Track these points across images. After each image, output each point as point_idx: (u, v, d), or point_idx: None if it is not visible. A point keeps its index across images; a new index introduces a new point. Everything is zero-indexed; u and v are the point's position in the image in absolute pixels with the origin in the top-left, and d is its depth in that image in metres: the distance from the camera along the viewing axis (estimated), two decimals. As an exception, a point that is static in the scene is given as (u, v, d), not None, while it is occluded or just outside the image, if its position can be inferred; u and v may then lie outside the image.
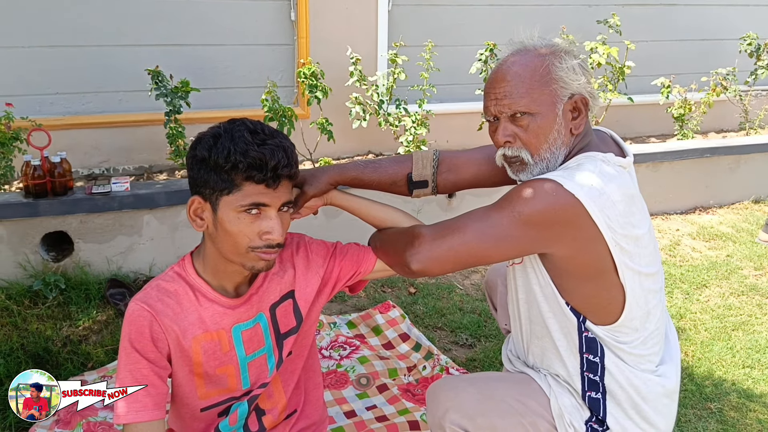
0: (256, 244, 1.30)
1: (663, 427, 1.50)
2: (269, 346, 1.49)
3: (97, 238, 2.82)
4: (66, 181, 2.77)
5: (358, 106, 3.50)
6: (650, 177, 3.89)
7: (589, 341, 1.45)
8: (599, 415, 1.46)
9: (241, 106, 3.50)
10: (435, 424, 1.50)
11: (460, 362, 2.40)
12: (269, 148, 1.26)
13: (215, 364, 1.43)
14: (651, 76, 4.26)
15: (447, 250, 1.40)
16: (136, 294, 1.38)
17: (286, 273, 1.51)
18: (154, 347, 1.34)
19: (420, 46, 3.61)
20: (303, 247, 1.56)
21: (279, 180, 1.28)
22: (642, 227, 1.40)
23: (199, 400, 1.45)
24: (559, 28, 3.96)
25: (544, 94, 1.38)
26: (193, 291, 1.39)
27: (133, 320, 1.33)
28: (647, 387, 1.45)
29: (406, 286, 2.96)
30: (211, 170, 1.28)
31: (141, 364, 1.33)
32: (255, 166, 1.25)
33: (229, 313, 1.42)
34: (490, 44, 3.66)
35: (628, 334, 1.44)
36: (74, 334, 2.48)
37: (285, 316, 1.51)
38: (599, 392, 1.46)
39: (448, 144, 4.00)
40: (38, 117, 2.97)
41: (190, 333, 1.38)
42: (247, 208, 1.28)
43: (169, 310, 1.36)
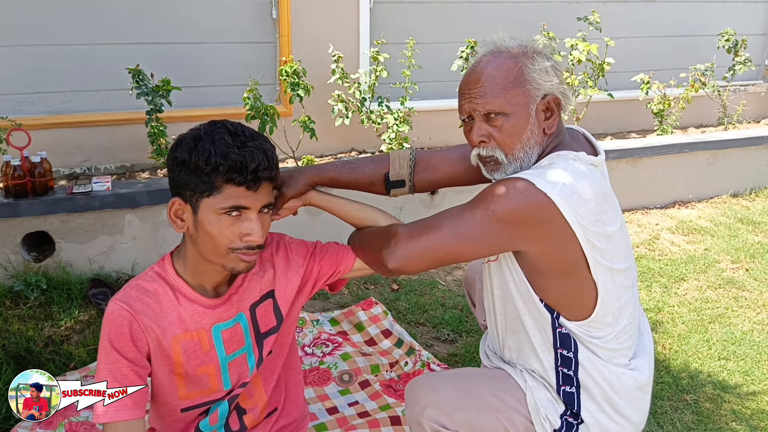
0: (236, 245, 1.31)
1: (636, 420, 1.54)
2: (249, 346, 1.50)
3: (78, 237, 2.81)
4: (46, 181, 2.76)
5: (340, 103, 3.51)
6: (630, 172, 3.94)
7: (562, 336, 1.48)
8: (574, 409, 1.50)
9: (222, 104, 3.50)
10: (413, 420, 1.53)
11: (441, 357, 2.42)
12: (249, 150, 1.26)
13: (195, 364, 1.43)
14: (631, 72, 4.31)
15: (422, 249, 1.42)
16: (116, 294, 1.39)
17: (266, 273, 1.52)
18: (134, 347, 1.35)
19: (402, 43, 3.63)
20: (283, 247, 1.57)
21: (259, 182, 1.29)
22: (614, 224, 1.43)
23: (180, 400, 1.46)
24: (539, 24, 3.99)
25: (517, 94, 1.41)
26: (173, 291, 1.40)
27: (113, 320, 1.34)
28: (620, 381, 1.49)
29: (389, 283, 2.98)
30: (191, 172, 1.28)
31: (120, 364, 1.33)
32: (235, 168, 1.25)
33: (208, 312, 1.43)
34: (471, 41, 3.68)
35: (601, 329, 1.47)
36: (56, 334, 2.48)
37: (265, 315, 1.52)
38: (573, 386, 1.49)
39: (430, 141, 4.02)
40: (18, 116, 2.95)
41: (170, 332, 1.39)
42: (228, 210, 1.29)
43: (149, 310, 1.37)
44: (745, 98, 4.84)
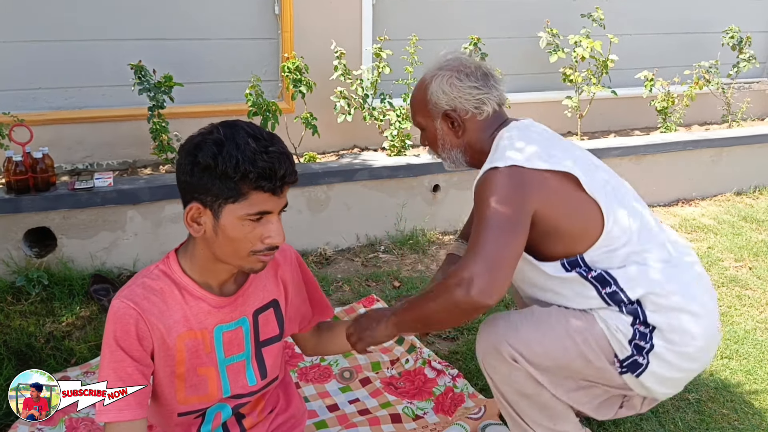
0: (257, 248, 1.31)
1: (702, 310, 1.63)
2: (248, 353, 1.50)
3: (80, 233, 2.81)
4: (48, 177, 2.76)
5: (342, 100, 3.50)
6: (633, 169, 3.92)
7: (597, 278, 1.61)
8: (640, 318, 1.59)
9: (225, 100, 3.50)
10: (489, 347, 1.66)
11: (442, 355, 2.42)
12: (275, 156, 1.24)
13: (197, 363, 1.43)
14: (634, 70, 4.29)
15: (497, 262, 1.47)
16: (120, 291, 1.37)
17: (270, 281, 1.52)
18: (140, 345, 1.34)
19: (404, 39, 3.62)
20: (290, 261, 1.58)
21: (283, 186, 1.29)
22: (570, 158, 1.64)
23: (178, 404, 1.45)
24: (543, 21, 3.98)
25: (425, 114, 1.79)
26: (179, 289, 1.39)
27: (119, 318, 1.32)
28: (665, 275, 1.60)
29: (391, 280, 2.97)
30: (216, 178, 1.25)
31: (126, 363, 1.32)
32: (264, 176, 1.24)
33: (213, 312, 1.42)
34: (474, 38, 3.67)
35: (620, 237, 1.61)
36: (57, 330, 2.48)
37: (267, 324, 1.52)
38: (633, 304, 1.60)
39: (433, 138, 4.01)
40: (20, 112, 2.95)
41: (174, 331, 1.38)
42: (252, 216, 1.28)
43: (155, 308, 1.35)
44: (749, 95, 4.82)
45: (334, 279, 2.97)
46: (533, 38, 4.02)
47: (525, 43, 4.13)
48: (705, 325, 1.63)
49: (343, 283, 2.94)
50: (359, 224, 3.35)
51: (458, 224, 3.54)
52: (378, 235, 3.39)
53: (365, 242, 3.37)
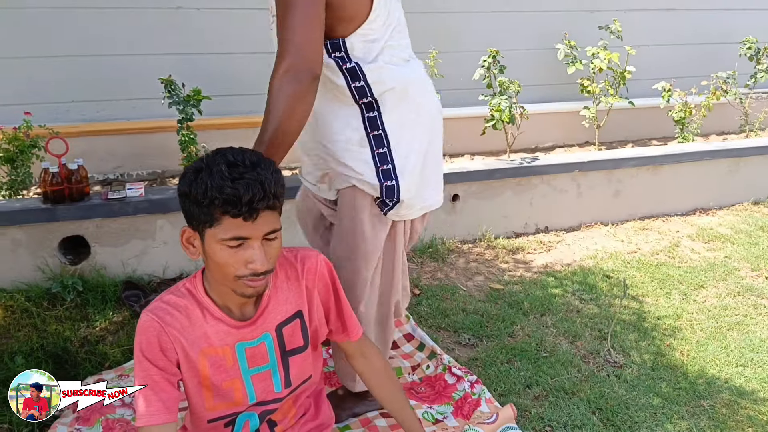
0: (241, 273, 1.34)
1: (431, 111, 1.88)
2: (273, 364, 1.54)
3: (112, 241, 2.92)
4: (83, 187, 2.88)
5: (363, 111, 3.59)
6: (651, 179, 3.96)
7: (350, 71, 1.72)
8: (378, 130, 1.77)
9: (250, 112, 3.60)
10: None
11: (462, 362, 2.48)
12: (244, 182, 1.27)
13: (222, 378, 1.50)
14: (652, 80, 4.33)
15: (308, 45, 1.57)
16: (150, 303, 1.46)
17: (293, 293, 1.55)
18: (164, 356, 1.42)
19: (425, 52, 3.70)
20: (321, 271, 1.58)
21: (256, 213, 1.30)
22: None
23: (207, 411, 1.53)
24: (561, 33, 4.04)
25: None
26: (201, 308, 1.46)
27: (144, 330, 1.42)
28: (404, 75, 1.78)
29: (411, 288, 3.05)
30: (192, 204, 1.31)
31: (152, 371, 1.42)
32: (230, 201, 1.27)
33: (233, 332, 1.48)
34: (493, 51, 3.74)
35: (379, 30, 1.71)
36: (91, 335, 2.58)
37: (292, 335, 1.56)
38: (372, 101, 1.76)
39: (452, 147, 4.09)
40: (55, 125, 3.08)
41: (197, 346, 1.45)
42: (228, 241, 1.31)
43: (177, 323, 1.43)
44: (767, 106, 4.83)
45: (356, 286, 3.05)
46: (551, 50, 4.08)
47: (543, 55, 4.20)
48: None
49: (365, 290, 3.02)
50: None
51: (477, 233, 3.61)
52: (398, 244, 3.46)
53: (386, 250, 3.44)
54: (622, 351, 2.59)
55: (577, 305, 2.95)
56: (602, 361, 2.52)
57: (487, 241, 3.59)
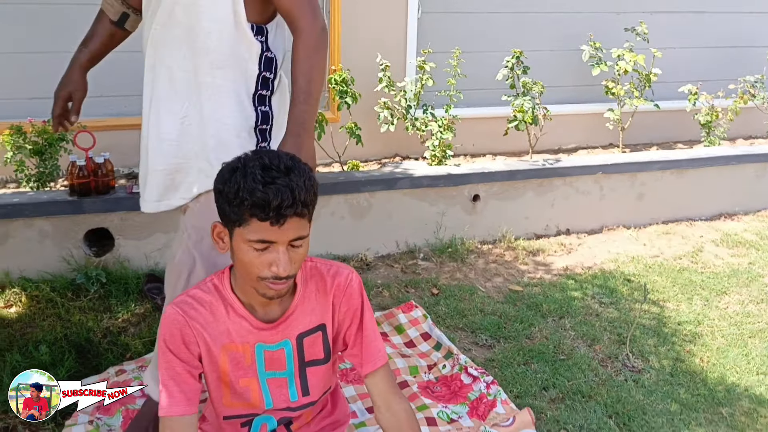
0: (264, 274, 1.35)
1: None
2: (291, 372, 1.55)
3: (136, 234, 2.97)
4: (108, 181, 2.93)
5: (386, 110, 3.61)
6: (675, 183, 3.92)
7: (266, 61, 1.71)
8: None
9: (273, 109, 3.63)
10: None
11: (479, 362, 2.48)
12: (275, 187, 1.28)
13: (239, 374, 1.52)
14: (678, 83, 4.28)
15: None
16: (175, 297, 1.50)
17: (319, 305, 1.55)
18: (186, 349, 1.45)
19: (448, 52, 3.70)
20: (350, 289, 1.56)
21: (283, 219, 1.30)
22: None
23: (224, 407, 1.55)
24: (585, 35, 4.01)
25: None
26: (225, 305, 1.48)
27: (168, 323, 1.45)
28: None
29: (429, 287, 3.06)
30: (224, 202, 1.34)
31: (175, 363, 1.45)
32: (258, 205, 1.28)
33: (254, 332, 1.49)
34: (517, 52, 3.73)
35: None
36: (114, 326, 2.63)
37: (313, 346, 1.56)
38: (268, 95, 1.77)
39: (474, 147, 4.09)
40: (83, 119, 3.12)
41: (219, 341, 1.48)
42: (254, 243, 1.33)
43: (202, 318, 1.46)
44: (797, 110, 4.74)
45: (374, 284, 3.06)
46: (576, 51, 4.05)
47: (567, 56, 4.17)
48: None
49: (383, 288, 3.03)
50: (399, 232, 3.44)
51: (498, 234, 3.60)
52: (417, 243, 3.47)
53: (405, 249, 3.46)
54: (641, 356, 2.57)
55: (596, 308, 2.93)
56: (620, 366, 2.50)
57: (508, 242, 3.58)
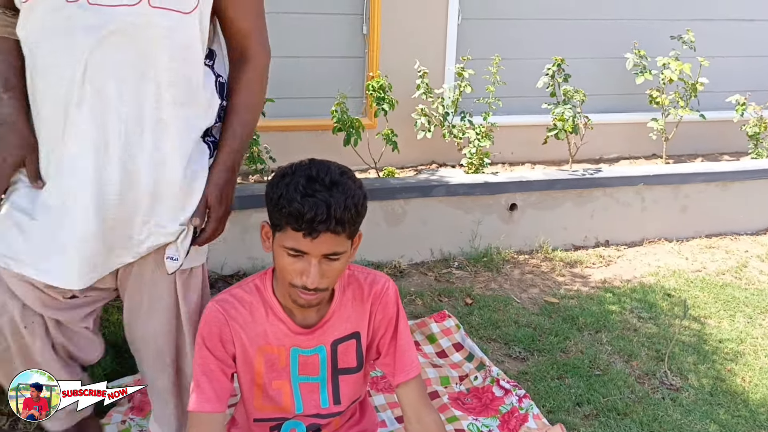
0: (295, 282, 1.37)
1: None
2: (323, 378, 1.56)
3: (174, 237, 3.02)
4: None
5: (423, 117, 3.60)
6: (719, 196, 3.81)
7: (220, 87, 1.61)
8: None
9: (312, 115, 3.66)
10: None
11: (511, 375, 2.45)
12: (312, 201, 1.29)
13: (272, 377, 1.53)
14: (725, 93, 4.16)
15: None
16: (218, 294, 1.52)
17: (354, 313, 1.56)
18: (222, 347, 1.48)
19: (487, 59, 3.67)
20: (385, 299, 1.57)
21: (316, 233, 1.31)
22: None
23: (255, 410, 1.57)
24: (628, 42, 3.94)
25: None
26: (265, 306, 1.50)
27: (208, 320, 1.48)
28: None
29: (463, 297, 3.03)
30: (269, 205, 1.37)
31: (209, 360, 1.47)
32: (293, 215, 1.30)
33: (291, 336, 1.51)
34: (558, 59, 3.68)
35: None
36: (151, 326, 2.68)
37: (346, 354, 1.57)
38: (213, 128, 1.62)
39: (512, 156, 4.04)
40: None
41: (255, 343, 1.49)
42: (288, 250, 1.35)
43: (241, 318, 1.48)
44: None
45: (408, 292, 3.05)
46: (619, 59, 3.98)
47: (610, 64, 4.10)
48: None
49: (416, 296, 3.02)
50: (434, 239, 3.42)
51: (534, 244, 3.55)
52: (452, 251, 3.45)
53: (439, 257, 3.44)
54: (680, 373, 2.50)
55: (634, 323, 2.86)
56: (658, 383, 2.44)
57: (545, 252, 3.53)
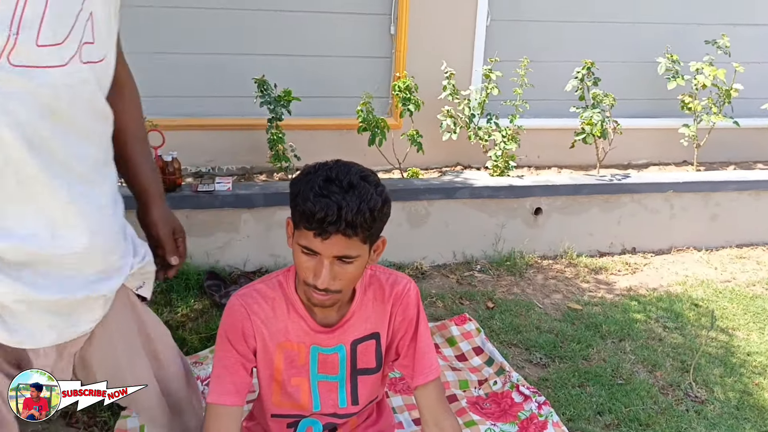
0: (308, 280, 1.36)
1: None
2: (342, 377, 1.55)
3: (199, 232, 3.05)
4: (175, 179, 3.02)
5: (449, 119, 3.57)
6: (752, 204, 3.73)
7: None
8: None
9: (337, 114, 3.66)
10: None
11: (531, 381, 2.42)
12: (324, 202, 1.27)
13: (292, 373, 1.52)
14: (760, 99, 4.06)
15: None
16: (240, 289, 1.52)
17: (375, 314, 1.54)
18: (244, 342, 1.47)
19: (515, 61, 3.63)
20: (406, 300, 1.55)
21: (327, 234, 1.29)
22: None
23: (273, 405, 1.56)
24: (660, 46, 3.87)
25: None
26: (287, 303, 1.49)
27: (231, 314, 1.48)
28: None
29: (484, 300, 3.00)
30: (290, 202, 1.36)
31: (230, 353, 1.47)
32: (305, 214, 1.29)
33: (311, 334, 1.50)
34: (588, 62, 3.63)
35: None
36: (173, 320, 2.71)
37: (365, 354, 1.56)
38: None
39: (539, 159, 4.00)
40: (155, 117, 3.24)
41: (276, 339, 1.49)
42: (302, 248, 1.34)
43: (263, 313, 1.48)
44: None
45: (429, 294, 3.04)
46: (650, 63, 3.91)
47: (641, 68, 4.03)
48: None
49: (437, 299, 3.00)
50: (457, 241, 3.40)
51: (559, 249, 3.51)
52: (475, 254, 3.42)
53: (461, 260, 3.42)
54: (705, 386, 2.44)
55: (659, 333, 2.81)
56: (682, 395, 2.39)
57: (569, 258, 3.48)
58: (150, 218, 1.50)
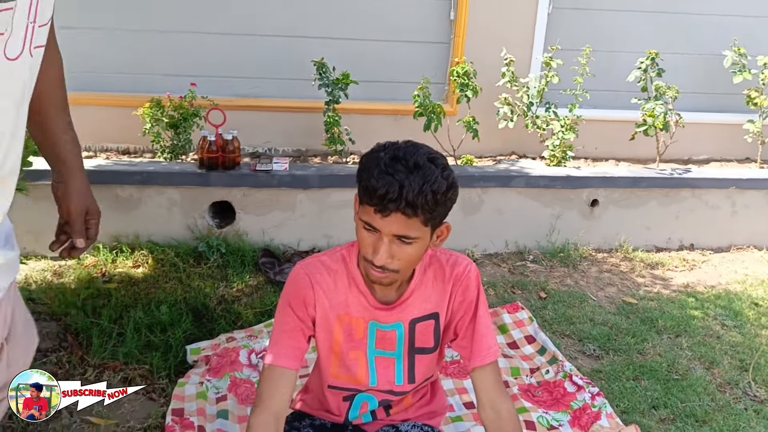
0: (367, 256, 1.38)
1: None
2: (399, 354, 1.56)
3: (256, 210, 3.10)
4: (234, 157, 3.08)
5: (506, 106, 3.54)
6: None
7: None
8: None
9: (394, 99, 3.66)
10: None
11: (584, 372, 2.39)
12: (387, 179, 1.28)
13: (350, 346, 1.54)
14: (833, 96, 3.90)
15: None
16: (305, 259, 1.55)
17: (435, 294, 1.55)
18: (305, 309, 1.50)
19: (576, 50, 3.57)
20: (466, 282, 1.55)
21: (387, 211, 1.30)
22: None
23: (330, 377, 1.59)
24: (727, 39, 3.74)
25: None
26: (349, 277, 1.51)
27: (294, 282, 1.51)
28: None
29: (537, 290, 2.98)
30: (357, 176, 1.37)
31: (291, 318, 1.50)
32: (367, 190, 1.31)
33: (370, 310, 1.52)
34: (652, 53, 3.54)
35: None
36: (228, 294, 2.76)
37: (424, 333, 1.56)
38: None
39: (596, 151, 3.92)
40: (216, 97, 3.30)
41: (335, 310, 1.51)
42: (363, 223, 1.36)
43: (325, 284, 1.50)
44: None
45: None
46: (715, 56, 3.79)
47: (706, 61, 3.91)
48: None
49: (489, 287, 2.99)
50: (510, 231, 3.37)
51: (615, 243, 3.45)
52: (528, 244, 3.39)
53: (514, 249, 3.39)
54: (765, 386, 2.38)
55: (717, 330, 2.74)
56: (740, 393, 2.32)
57: (625, 252, 3.42)
58: (64, 192, 1.39)
